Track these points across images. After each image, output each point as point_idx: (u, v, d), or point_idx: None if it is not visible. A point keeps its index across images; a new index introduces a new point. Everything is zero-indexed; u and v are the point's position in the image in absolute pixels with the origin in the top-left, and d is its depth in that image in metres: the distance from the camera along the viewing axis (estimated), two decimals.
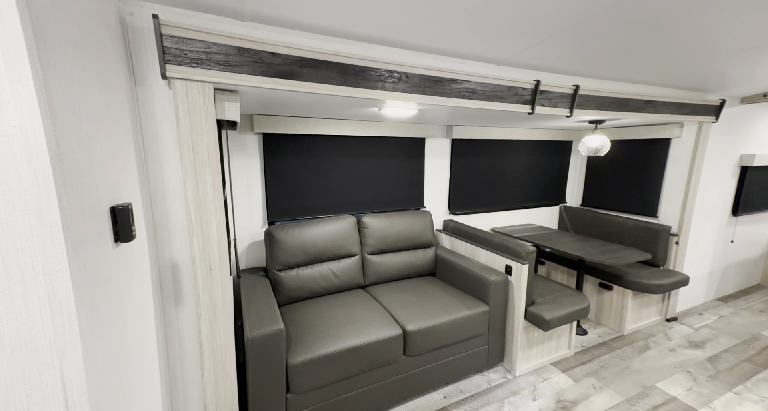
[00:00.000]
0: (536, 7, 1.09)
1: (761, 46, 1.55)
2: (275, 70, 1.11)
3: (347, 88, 1.24)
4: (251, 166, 2.01)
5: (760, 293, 3.15)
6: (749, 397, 1.81)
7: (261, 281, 1.85)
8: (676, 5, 1.13)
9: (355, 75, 1.23)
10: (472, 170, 2.73)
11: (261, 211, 2.07)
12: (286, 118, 1.95)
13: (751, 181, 2.92)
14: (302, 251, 1.95)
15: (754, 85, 2.34)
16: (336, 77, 1.21)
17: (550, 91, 1.75)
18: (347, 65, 1.21)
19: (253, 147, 1.99)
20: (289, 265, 1.93)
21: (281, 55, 1.11)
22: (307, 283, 1.96)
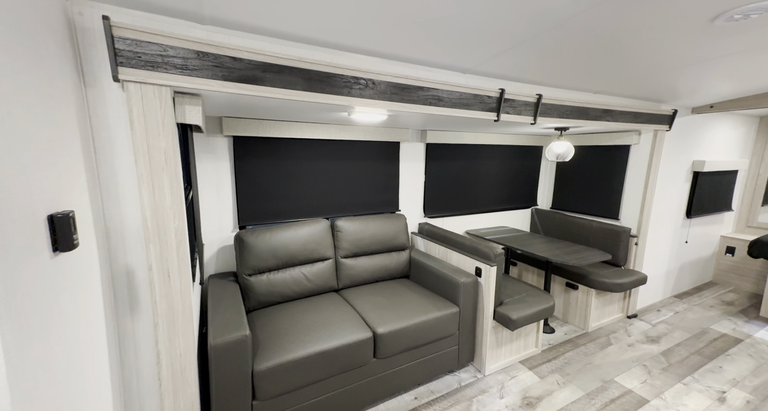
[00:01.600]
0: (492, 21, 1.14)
1: (703, 62, 1.69)
2: (237, 75, 1.10)
3: (313, 94, 1.24)
4: (221, 169, 1.97)
5: (711, 289, 3.38)
6: (695, 387, 1.94)
7: (230, 286, 1.81)
8: (628, 24, 1.21)
9: (321, 81, 1.25)
10: (446, 174, 2.79)
11: (231, 214, 2.04)
12: (257, 121, 1.93)
13: (702, 185, 3.14)
14: (273, 255, 1.93)
15: (702, 97, 2.52)
16: (301, 83, 1.21)
17: (514, 99, 1.82)
18: (312, 71, 1.22)
19: (223, 150, 1.96)
20: (260, 270, 1.91)
21: (243, 60, 1.10)
22: (278, 287, 1.94)
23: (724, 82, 2.12)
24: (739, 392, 1.91)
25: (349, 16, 1.09)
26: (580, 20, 1.17)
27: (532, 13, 1.10)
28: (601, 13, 1.13)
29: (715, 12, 1.16)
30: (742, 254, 3.43)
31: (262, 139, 2.03)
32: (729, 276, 3.52)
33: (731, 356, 2.25)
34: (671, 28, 1.27)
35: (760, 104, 2.52)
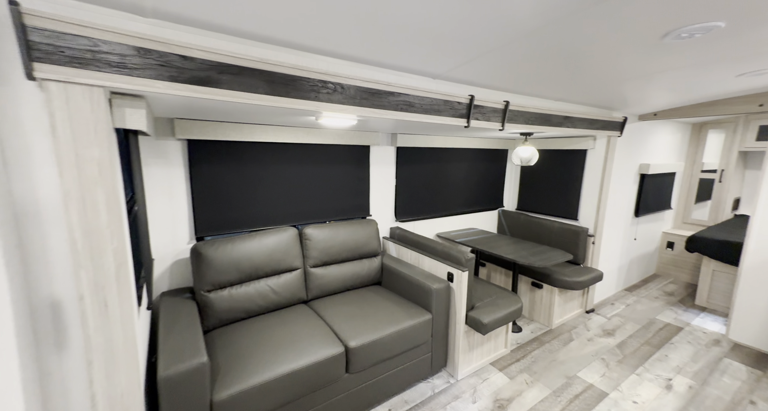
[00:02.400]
0: (464, 29, 1.12)
1: (650, 75, 1.80)
2: (188, 76, 0.98)
3: (276, 99, 1.15)
4: (174, 176, 1.79)
5: (655, 281, 3.70)
6: (647, 377, 2.09)
7: (186, 305, 1.65)
8: (588, 38, 1.25)
9: (285, 84, 1.15)
10: (417, 177, 2.78)
11: (187, 225, 1.86)
12: (215, 124, 1.77)
13: (647, 186, 3.42)
14: (236, 268, 1.79)
15: (648, 106, 2.73)
16: (263, 86, 1.11)
17: (483, 105, 1.84)
18: (276, 74, 1.12)
19: (176, 155, 1.78)
20: (221, 284, 1.76)
21: (195, 60, 0.98)
22: (241, 302, 1.80)
23: (666, 93, 2.30)
24: (682, 379, 2.08)
25: (314, 16, 1.01)
26: (544, 33, 1.18)
27: (502, 24, 1.09)
28: (564, 28, 1.15)
29: (666, 30, 1.22)
30: (680, 248, 3.79)
31: (222, 142, 1.87)
32: (669, 268, 3.88)
33: (674, 344, 2.47)
34: (627, 43, 1.33)
35: (694, 113, 2.78)
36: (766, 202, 2.36)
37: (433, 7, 0.97)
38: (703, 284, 3.13)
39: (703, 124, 3.96)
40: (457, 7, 0.97)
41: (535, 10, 1.01)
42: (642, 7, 1.03)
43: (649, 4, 1.01)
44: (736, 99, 2.56)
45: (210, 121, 1.76)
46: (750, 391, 1.97)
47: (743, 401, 1.90)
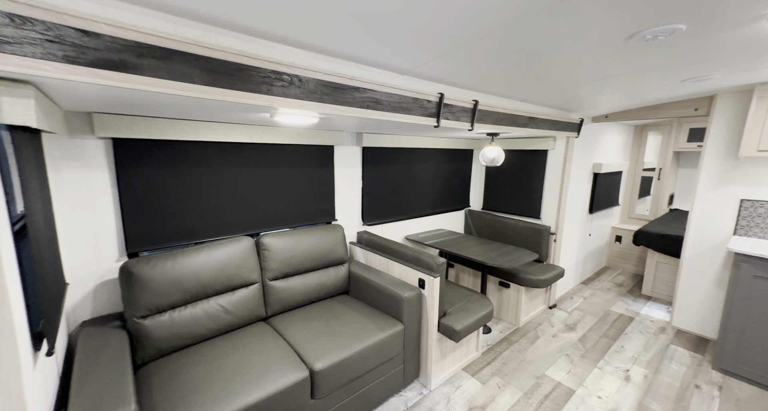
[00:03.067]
0: (435, 21, 1.00)
1: (597, 80, 1.84)
2: (93, 58, 0.76)
3: (218, 91, 0.95)
4: (95, 182, 1.49)
5: (606, 273, 3.96)
6: (608, 370, 2.18)
7: (113, 336, 1.38)
8: (554, 38, 1.20)
9: (229, 74, 0.96)
10: (384, 179, 2.66)
11: (115, 240, 1.57)
12: (149, 120, 1.50)
13: (600, 184, 3.61)
14: (179, 288, 1.54)
15: (600, 108, 2.86)
16: (201, 75, 0.91)
17: (453, 104, 1.75)
18: (217, 61, 0.92)
19: (98, 156, 1.48)
20: (159, 308, 1.50)
21: (103, 37, 0.76)
22: (185, 327, 1.56)
23: (619, 96, 2.40)
24: (638, 369, 2.20)
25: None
26: (510, 32, 1.11)
27: (470, 19, 1.00)
28: (529, 27, 1.08)
29: (633, 31, 1.21)
30: (627, 241, 4.09)
31: (158, 142, 1.60)
32: (618, 260, 4.17)
33: (628, 334, 2.62)
34: (593, 44, 1.31)
35: (640, 116, 2.96)
36: (701, 200, 2.57)
37: None
38: (649, 275, 3.39)
39: (644, 126, 4.29)
40: None
41: (501, 6, 0.92)
42: (612, 7, 0.98)
43: (619, 5, 0.97)
44: (676, 103, 2.75)
45: (141, 116, 1.48)
46: (694, 376, 2.13)
47: (690, 386, 2.04)
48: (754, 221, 2.35)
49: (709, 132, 2.54)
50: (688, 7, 1.01)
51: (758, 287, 2.01)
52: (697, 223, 2.60)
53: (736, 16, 1.09)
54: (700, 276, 2.60)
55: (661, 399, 1.92)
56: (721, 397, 1.95)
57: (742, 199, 2.40)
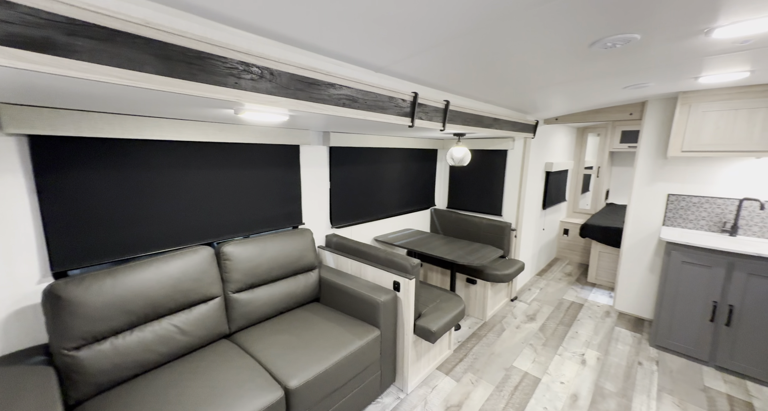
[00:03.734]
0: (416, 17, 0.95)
1: (555, 85, 1.96)
2: (4, 33, 0.58)
3: (176, 82, 0.80)
4: (6, 188, 1.21)
5: (557, 264, 4.30)
6: (566, 356, 2.35)
7: (35, 375, 1.14)
8: (512, 46, 1.23)
9: (189, 63, 0.82)
10: (352, 179, 2.57)
11: (35, 257, 1.30)
12: (78, 114, 1.25)
13: (551, 182, 3.89)
14: (122, 310, 1.32)
15: (552, 112, 3.06)
16: (153, 63, 0.76)
17: (426, 104, 1.73)
18: (173, 47, 0.78)
19: (9, 157, 1.21)
20: (97, 336, 1.28)
21: (18, 7, 0.59)
22: (132, 354, 1.34)
23: (569, 100, 2.58)
24: (592, 352, 2.40)
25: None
26: (481, 33, 1.11)
27: (445, 18, 0.97)
28: (496, 31, 1.09)
29: (595, 38, 1.28)
30: (573, 234, 4.47)
31: (89, 140, 1.35)
32: (566, 252, 4.55)
33: (580, 320, 2.86)
34: (559, 48, 1.37)
35: (584, 119, 3.22)
36: (636, 196, 2.88)
37: None
38: (593, 264, 3.73)
39: (585, 128, 4.72)
40: None
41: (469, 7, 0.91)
42: (580, 15, 1.02)
43: (586, 14, 1.01)
44: (614, 108, 3.04)
45: (67, 109, 1.23)
46: (636, 354, 2.39)
47: (634, 364, 2.27)
48: (678, 213, 2.69)
49: (642, 135, 2.84)
50: (643, 19, 1.09)
51: (686, 271, 2.29)
52: (633, 216, 2.90)
53: (682, 29, 1.20)
54: (637, 263, 2.91)
55: (612, 378, 2.12)
56: (658, 370, 2.20)
57: (669, 193, 2.73)
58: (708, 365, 2.24)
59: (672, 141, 2.47)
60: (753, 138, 2.14)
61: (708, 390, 2.01)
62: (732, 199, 2.45)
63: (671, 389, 2.01)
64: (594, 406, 1.87)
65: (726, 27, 1.16)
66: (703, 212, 2.58)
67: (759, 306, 2.03)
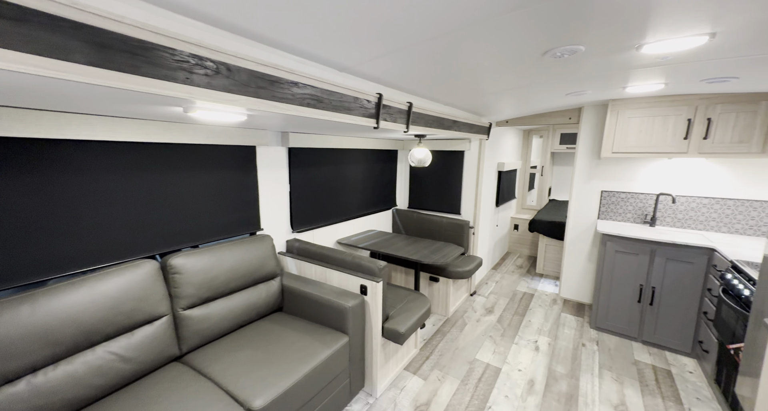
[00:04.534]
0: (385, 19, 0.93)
1: (507, 89, 2.08)
2: None
3: (115, 75, 0.69)
4: None
5: (509, 258, 4.60)
6: (522, 344, 2.53)
7: None
8: (471, 52, 1.28)
9: (131, 54, 0.70)
10: (313, 181, 2.48)
11: None
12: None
13: (503, 181, 4.15)
14: (44, 342, 1.12)
15: (503, 114, 3.25)
16: (84, 51, 0.64)
17: (390, 106, 1.72)
18: (110, 34, 0.66)
19: None
20: (9, 375, 1.07)
21: None
22: (59, 392, 1.15)
23: (518, 104, 2.77)
24: (543, 338, 2.61)
25: None
26: (446, 39, 1.14)
27: (419, 21, 0.97)
28: (458, 38, 1.12)
29: (547, 48, 1.37)
30: (523, 229, 4.82)
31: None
32: (516, 245, 4.89)
33: (532, 309, 3.09)
34: (514, 55, 1.45)
35: (531, 122, 3.48)
36: (576, 192, 3.19)
37: None
38: (540, 256, 4.06)
39: (530, 130, 5.10)
40: None
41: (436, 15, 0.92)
42: (533, 27, 1.09)
43: (538, 26, 1.08)
44: (556, 113, 3.32)
45: None
46: (580, 336, 2.64)
47: (579, 346, 2.51)
48: (610, 207, 3.03)
49: (579, 137, 3.14)
50: (588, 32, 1.19)
51: (619, 260, 2.59)
52: (574, 211, 3.21)
53: (619, 44, 1.34)
54: (577, 254, 3.23)
55: (562, 361, 2.32)
56: (599, 350, 2.46)
57: (602, 190, 3.06)
58: (636, 341, 2.56)
59: (604, 143, 2.77)
60: (666, 141, 2.48)
61: (638, 362, 2.29)
62: (651, 194, 2.83)
63: (610, 365, 2.26)
64: (548, 389, 2.03)
65: (652, 44, 1.31)
66: (630, 206, 2.94)
67: (674, 286, 2.36)
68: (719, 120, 2.30)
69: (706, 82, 2.02)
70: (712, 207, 2.60)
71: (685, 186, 2.68)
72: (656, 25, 1.14)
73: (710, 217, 2.61)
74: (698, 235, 2.47)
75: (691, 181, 2.66)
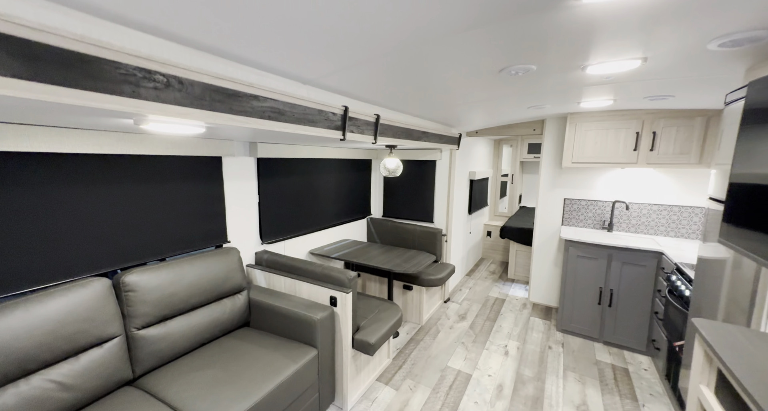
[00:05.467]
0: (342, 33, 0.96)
1: (472, 102, 2.17)
2: None
3: (47, 88, 0.66)
4: None
5: (483, 264, 4.71)
6: (492, 349, 2.58)
7: None
8: (440, 66, 1.33)
9: (67, 66, 0.68)
10: (283, 192, 2.44)
11: None
12: None
13: (474, 189, 4.27)
14: None
15: (472, 125, 3.37)
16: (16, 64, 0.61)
17: (357, 118, 1.75)
18: (43, 46, 0.64)
19: None
20: None
21: None
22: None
23: (485, 116, 2.88)
24: (513, 343, 2.68)
25: None
26: (407, 53, 1.18)
27: (378, 35, 1.01)
28: (421, 52, 1.17)
29: (502, 66, 1.45)
30: (495, 235, 4.96)
31: None
32: (490, 252, 5.03)
33: (503, 314, 3.17)
34: (473, 71, 1.52)
35: (498, 133, 3.62)
36: (542, 200, 3.33)
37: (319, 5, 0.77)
38: (512, 262, 4.19)
39: (500, 140, 5.31)
40: (332, 7, 0.80)
41: (395, 30, 0.96)
42: (489, 46, 1.15)
43: (494, 45, 1.14)
44: (522, 124, 3.48)
45: None
46: (547, 339, 2.74)
47: (545, 348, 2.60)
48: (573, 214, 3.19)
49: (543, 148, 3.31)
50: (538, 54, 1.27)
51: (581, 264, 2.72)
52: (540, 218, 3.35)
53: (566, 65, 1.43)
54: (544, 259, 3.36)
55: (529, 364, 2.39)
56: (563, 352, 2.55)
57: (565, 197, 3.22)
58: (598, 342, 2.68)
59: (565, 153, 2.93)
60: (618, 152, 2.67)
61: (599, 362, 2.40)
62: (607, 201, 3.01)
63: (573, 367, 2.35)
64: (516, 393, 2.08)
65: (595, 65, 1.42)
66: (589, 213, 3.11)
67: (630, 289, 2.51)
68: (663, 133, 2.50)
69: (649, 99, 2.20)
70: (660, 213, 2.80)
71: (637, 194, 2.88)
72: (597, 49, 1.24)
73: (660, 222, 2.81)
74: (650, 240, 2.65)
75: (642, 189, 2.86)
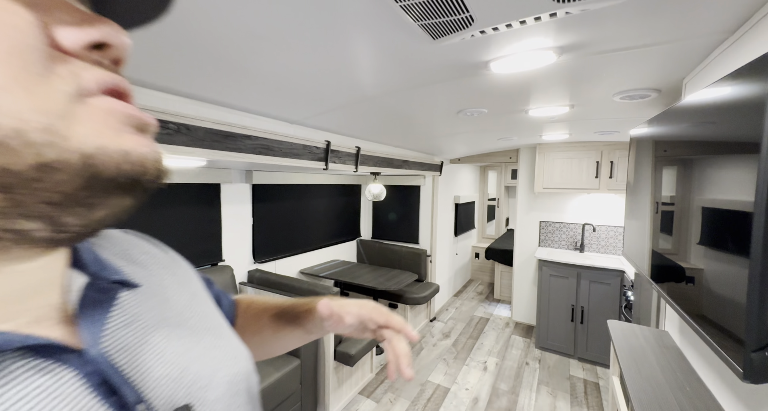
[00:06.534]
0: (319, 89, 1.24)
1: (448, 135, 2.47)
2: None
3: None
4: None
5: (471, 285, 4.84)
6: (472, 365, 2.69)
7: None
8: (411, 107, 1.61)
9: None
10: (276, 215, 2.67)
11: None
12: None
13: (460, 212, 4.51)
14: None
15: (454, 154, 3.68)
16: None
17: (339, 150, 2.02)
18: None
19: None
20: None
21: None
22: None
23: (464, 146, 3.18)
24: (492, 359, 2.79)
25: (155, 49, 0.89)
26: (381, 99, 1.46)
27: (350, 88, 1.28)
28: (395, 98, 1.45)
29: (459, 108, 1.73)
30: (482, 257, 5.13)
31: None
32: (478, 273, 5.17)
33: (486, 333, 3.28)
34: (438, 113, 1.81)
35: (479, 160, 3.92)
36: (520, 223, 3.56)
37: (285, 66, 1.04)
38: (497, 282, 4.34)
39: (485, 166, 5.63)
40: (312, 67, 1.07)
41: (374, 83, 1.24)
42: (449, 95, 1.43)
43: (449, 95, 1.42)
44: (500, 152, 3.78)
45: None
46: (525, 356, 2.85)
47: (523, 364, 2.71)
48: (548, 236, 3.41)
49: (519, 174, 3.59)
50: (486, 101, 1.56)
51: (554, 283, 2.90)
52: (519, 240, 3.56)
53: (511, 108, 1.72)
54: (524, 279, 3.53)
55: (506, 379, 2.49)
56: (539, 367, 2.66)
57: (541, 220, 3.45)
58: (573, 358, 2.79)
59: (536, 180, 3.20)
60: (582, 179, 2.93)
61: (572, 377, 2.51)
62: (578, 224, 3.24)
63: (547, 382, 2.46)
64: (490, 405, 2.18)
65: (535, 109, 1.71)
66: (563, 234, 3.32)
67: (599, 306, 2.67)
68: (619, 162, 2.78)
69: (599, 134, 2.50)
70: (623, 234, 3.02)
71: (603, 216, 3.12)
72: (534, 99, 1.53)
73: None
74: (615, 260, 2.84)
75: (607, 213, 3.10)
